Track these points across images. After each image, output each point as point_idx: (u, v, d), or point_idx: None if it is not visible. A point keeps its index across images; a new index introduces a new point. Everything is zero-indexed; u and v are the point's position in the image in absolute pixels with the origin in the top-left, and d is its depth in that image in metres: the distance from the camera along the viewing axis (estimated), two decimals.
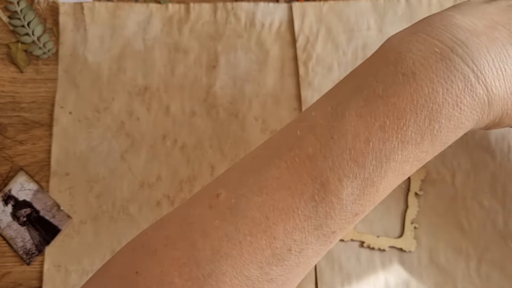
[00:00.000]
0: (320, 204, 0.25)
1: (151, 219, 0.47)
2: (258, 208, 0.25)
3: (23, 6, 0.50)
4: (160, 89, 0.49)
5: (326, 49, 0.49)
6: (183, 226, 0.26)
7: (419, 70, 0.25)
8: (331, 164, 0.25)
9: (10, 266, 0.47)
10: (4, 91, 0.49)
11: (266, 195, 0.25)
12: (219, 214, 0.25)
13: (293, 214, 0.25)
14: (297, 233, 0.25)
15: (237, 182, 0.26)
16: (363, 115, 0.25)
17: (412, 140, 0.25)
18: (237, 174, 0.27)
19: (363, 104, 0.25)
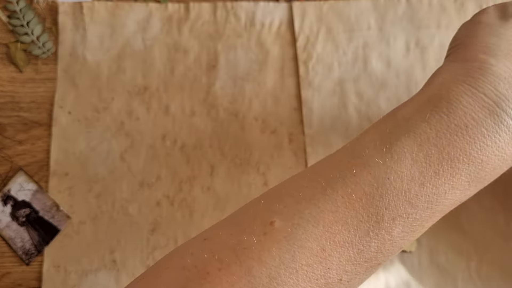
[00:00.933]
0: (373, 239, 0.26)
1: (150, 219, 0.47)
2: (315, 239, 0.26)
3: (22, 6, 0.49)
4: (160, 89, 0.48)
5: (326, 48, 0.49)
6: (237, 251, 0.26)
7: (472, 124, 0.28)
8: (386, 203, 0.27)
9: (9, 266, 0.47)
10: (3, 91, 0.49)
11: (322, 227, 0.26)
12: (275, 242, 0.26)
13: (348, 247, 0.26)
14: (349, 265, 0.26)
15: (292, 211, 0.27)
16: (418, 160, 0.27)
17: (461, 186, 0.28)
18: (291, 203, 0.28)
19: (417, 149, 0.27)
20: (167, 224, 0.47)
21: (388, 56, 0.48)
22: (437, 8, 0.49)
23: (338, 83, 0.48)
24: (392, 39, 0.48)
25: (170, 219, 0.47)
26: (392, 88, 0.48)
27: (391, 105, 0.48)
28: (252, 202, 0.30)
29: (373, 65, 0.48)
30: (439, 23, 0.48)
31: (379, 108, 0.47)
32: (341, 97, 0.48)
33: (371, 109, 0.48)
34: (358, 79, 0.48)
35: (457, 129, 0.27)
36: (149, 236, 0.47)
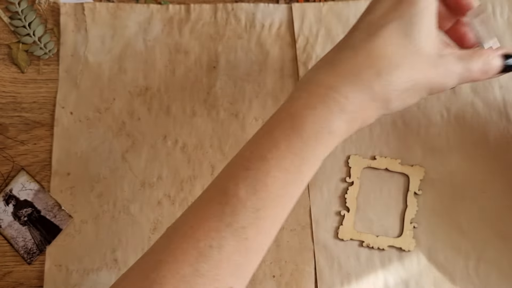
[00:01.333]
0: (224, 206, 0.32)
1: (151, 218, 0.48)
2: (187, 224, 0.33)
3: (24, 7, 0.50)
4: (161, 89, 0.49)
5: (326, 50, 0.49)
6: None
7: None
8: (229, 173, 0.33)
9: (11, 265, 0.48)
10: (5, 92, 0.49)
11: (192, 213, 0.33)
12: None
13: (208, 219, 0.32)
14: (213, 232, 0.31)
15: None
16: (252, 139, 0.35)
17: (282, 141, 0.33)
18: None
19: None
20: (168, 223, 0.47)
21: None
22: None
23: None
24: None
25: (171, 218, 0.48)
26: None
27: None
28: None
29: None
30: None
31: None
32: None
33: None
34: None
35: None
36: (150, 235, 0.47)
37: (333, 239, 0.47)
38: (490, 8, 0.49)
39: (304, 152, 0.33)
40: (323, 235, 0.47)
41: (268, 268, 0.47)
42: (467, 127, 0.48)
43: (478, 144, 0.48)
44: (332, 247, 0.47)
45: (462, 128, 0.48)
